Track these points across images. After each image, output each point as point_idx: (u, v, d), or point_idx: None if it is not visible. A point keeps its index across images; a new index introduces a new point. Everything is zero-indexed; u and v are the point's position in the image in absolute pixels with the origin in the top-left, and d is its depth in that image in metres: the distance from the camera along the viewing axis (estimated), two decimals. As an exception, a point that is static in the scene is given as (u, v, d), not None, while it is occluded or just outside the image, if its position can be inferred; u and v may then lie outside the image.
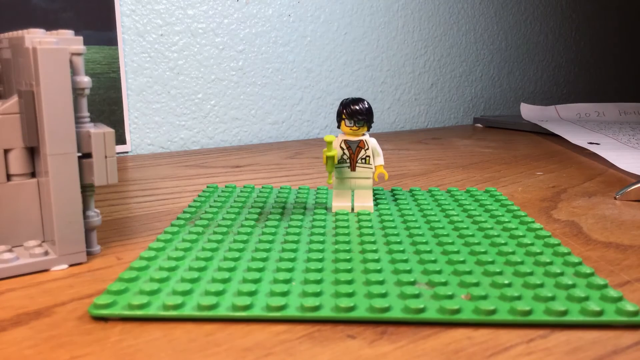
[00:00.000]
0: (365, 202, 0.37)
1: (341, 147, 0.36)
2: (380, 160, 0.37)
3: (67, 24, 0.58)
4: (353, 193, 0.38)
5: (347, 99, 0.36)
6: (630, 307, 0.22)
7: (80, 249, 0.28)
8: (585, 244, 0.32)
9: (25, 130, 0.27)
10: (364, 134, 0.36)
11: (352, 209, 0.37)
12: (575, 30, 1.17)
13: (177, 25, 0.68)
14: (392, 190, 0.43)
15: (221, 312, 0.22)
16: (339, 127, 0.36)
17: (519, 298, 0.23)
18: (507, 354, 0.20)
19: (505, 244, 0.30)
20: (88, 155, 0.28)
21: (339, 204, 0.37)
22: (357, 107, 0.35)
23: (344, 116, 0.35)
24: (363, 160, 0.36)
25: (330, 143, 0.35)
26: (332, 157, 0.35)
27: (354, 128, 0.36)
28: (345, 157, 0.36)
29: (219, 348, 0.20)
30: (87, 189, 0.29)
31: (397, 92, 0.91)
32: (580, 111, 0.94)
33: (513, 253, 0.29)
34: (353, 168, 0.37)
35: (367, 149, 0.36)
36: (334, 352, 0.20)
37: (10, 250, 0.28)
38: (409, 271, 0.26)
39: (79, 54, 0.28)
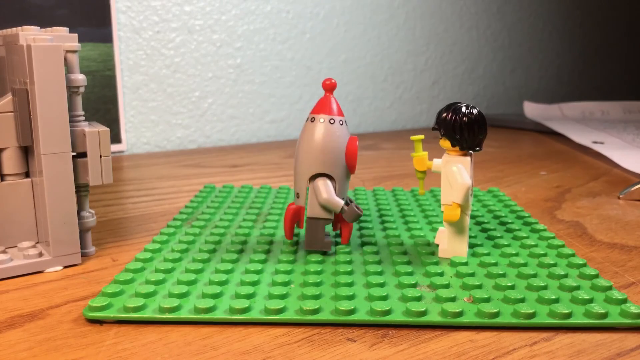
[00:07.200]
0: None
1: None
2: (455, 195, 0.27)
3: (61, 21, 0.58)
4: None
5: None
6: (634, 309, 0.22)
7: (74, 250, 0.28)
8: (590, 245, 0.32)
9: (19, 129, 0.27)
10: (467, 156, 0.28)
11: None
12: (579, 28, 1.16)
13: (173, 22, 0.67)
14: (393, 190, 0.43)
15: (218, 315, 0.22)
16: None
17: (522, 300, 0.23)
18: (510, 357, 0.20)
19: (508, 245, 0.30)
20: (83, 155, 0.28)
21: (454, 248, 0.28)
22: (442, 113, 0.27)
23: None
24: None
25: (418, 142, 0.29)
26: (420, 158, 0.29)
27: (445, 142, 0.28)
28: None
29: (216, 352, 0.20)
30: (81, 189, 0.29)
31: (399, 90, 0.90)
32: (584, 110, 0.93)
33: (516, 255, 0.28)
34: None
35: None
36: (334, 355, 0.20)
37: (3, 252, 0.27)
38: (411, 273, 0.26)
39: (73, 52, 0.28)
